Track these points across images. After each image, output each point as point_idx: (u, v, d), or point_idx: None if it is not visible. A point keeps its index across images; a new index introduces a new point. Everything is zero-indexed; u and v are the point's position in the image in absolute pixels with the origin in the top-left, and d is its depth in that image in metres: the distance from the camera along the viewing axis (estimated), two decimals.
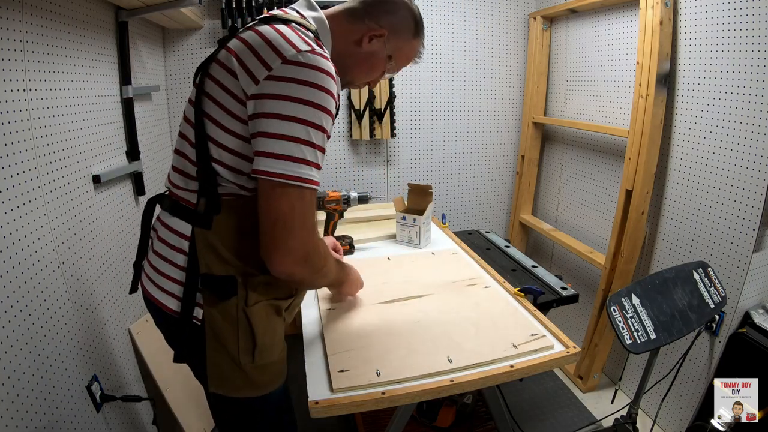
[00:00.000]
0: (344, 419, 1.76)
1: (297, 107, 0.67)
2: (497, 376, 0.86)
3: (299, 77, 0.67)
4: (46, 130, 1.10)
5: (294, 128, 0.68)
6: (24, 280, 0.98)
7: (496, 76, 2.49)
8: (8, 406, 0.90)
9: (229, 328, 0.79)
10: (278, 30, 0.71)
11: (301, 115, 0.68)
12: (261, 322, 0.80)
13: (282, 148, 0.68)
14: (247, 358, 0.80)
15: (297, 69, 0.68)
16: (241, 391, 0.82)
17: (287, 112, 0.67)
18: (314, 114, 0.68)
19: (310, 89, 0.68)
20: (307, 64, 0.68)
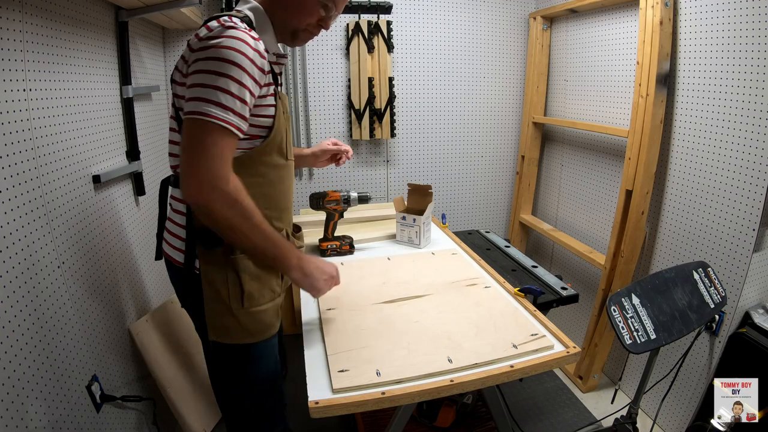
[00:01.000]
0: (344, 419, 1.76)
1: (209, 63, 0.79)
2: (497, 376, 0.86)
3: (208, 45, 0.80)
4: (46, 130, 1.10)
5: (206, 78, 0.79)
6: (24, 280, 0.98)
7: (496, 76, 2.49)
8: (8, 406, 0.90)
9: (219, 275, 0.92)
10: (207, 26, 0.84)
11: (213, 68, 0.79)
12: (247, 270, 0.92)
13: (194, 92, 0.80)
14: (237, 304, 0.93)
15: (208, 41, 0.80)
16: (234, 338, 0.95)
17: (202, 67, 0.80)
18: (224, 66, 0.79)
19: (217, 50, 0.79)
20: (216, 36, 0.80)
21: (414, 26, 2.32)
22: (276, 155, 0.97)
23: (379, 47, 2.23)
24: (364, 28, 2.19)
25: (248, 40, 0.82)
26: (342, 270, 1.32)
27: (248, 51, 0.81)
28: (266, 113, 0.93)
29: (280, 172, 1.00)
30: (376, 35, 2.21)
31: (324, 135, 2.35)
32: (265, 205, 0.95)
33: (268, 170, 0.97)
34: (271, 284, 0.98)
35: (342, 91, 2.32)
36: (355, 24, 2.19)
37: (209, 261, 0.92)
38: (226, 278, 0.92)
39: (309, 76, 2.26)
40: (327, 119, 2.33)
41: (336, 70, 2.29)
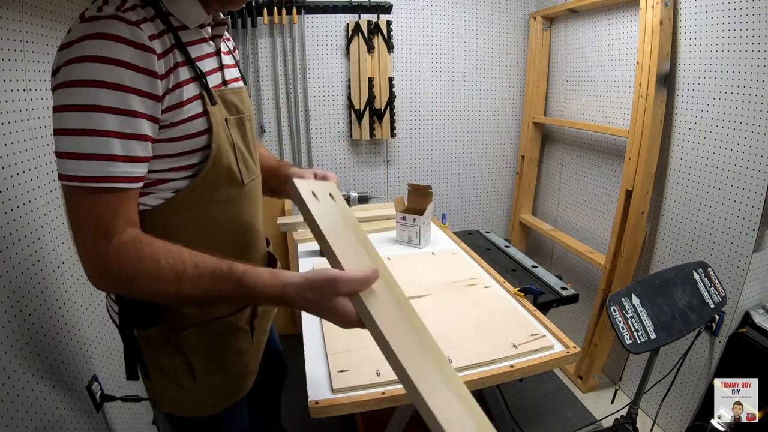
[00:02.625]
0: (344, 419, 1.76)
1: (69, 92, 0.56)
2: (497, 376, 0.86)
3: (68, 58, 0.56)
4: (46, 130, 1.10)
5: (66, 118, 0.56)
6: (24, 280, 0.98)
7: (496, 76, 2.49)
8: (8, 406, 0.90)
9: (161, 354, 0.74)
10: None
11: (73, 100, 0.55)
12: (197, 348, 0.74)
13: (59, 144, 0.58)
14: (188, 381, 0.76)
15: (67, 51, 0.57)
16: (190, 411, 0.79)
17: (60, 101, 0.57)
18: (90, 94, 0.55)
19: (79, 66, 0.55)
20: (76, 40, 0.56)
21: (414, 26, 2.32)
22: (224, 188, 0.72)
23: (379, 47, 2.23)
24: (364, 28, 2.19)
25: (121, 32, 0.56)
26: None
27: (124, 53, 0.56)
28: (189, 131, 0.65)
29: (236, 205, 0.75)
30: (376, 35, 2.21)
31: (324, 135, 2.35)
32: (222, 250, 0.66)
33: (216, 209, 0.73)
34: (238, 346, 0.80)
35: (342, 91, 2.32)
36: (355, 24, 2.19)
37: (147, 339, 0.74)
38: (172, 357, 0.74)
39: (309, 76, 2.26)
40: (327, 119, 2.33)
41: (336, 70, 2.29)
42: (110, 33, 0.55)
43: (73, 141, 0.56)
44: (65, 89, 0.56)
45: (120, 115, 0.57)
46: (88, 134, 0.56)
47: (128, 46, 0.56)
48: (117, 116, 0.57)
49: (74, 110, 0.56)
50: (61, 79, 0.56)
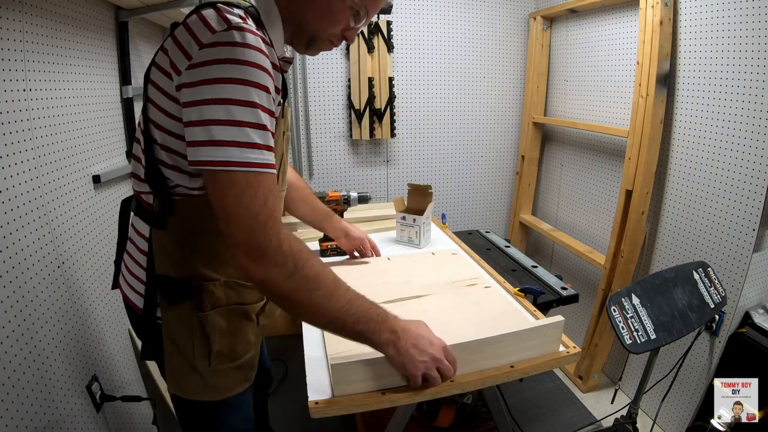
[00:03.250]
0: (344, 419, 1.76)
1: (217, 88, 0.61)
2: (497, 376, 0.86)
3: (216, 57, 0.61)
4: (46, 130, 1.10)
5: (223, 110, 0.61)
6: (24, 280, 0.98)
7: (496, 76, 2.49)
8: (8, 406, 0.90)
9: (183, 332, 0.78)
10: (201, 15, 0.65)
11: (225, 95, 0.61)
12: (218, 328, 0.78)
13: (209, 132, 0.61)
14: (203, 363, 0.79)
15: (213, 50, 0.61)
16: (196, 395, 0.82)
17: (207, 95, 0.61)
18: (239, 90, 0.61)
19: (228, 66, 0.61)
20: (223, 42, 0.61)
21: (414, 26, 2.32)
22: None
23: (379, 47, 2.23)
24: (364, 28, 2.19)
25: (262, 46, 0.64)
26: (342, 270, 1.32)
27: (266, 63, 0.63)
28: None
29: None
30: (376, 35, 2.21)
31: (324, 135, 2.35)
32: None
33: None
34: (247, 336, 0.84)
35: (342, 91, 2.32)
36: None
37: (172, 316, 0.78)
38: (192, 336, 0.78)
39: (309, 76, 2.26)
40: (327, 119, 2.33)
41: (336, 70, 2.29)
42: (257, 46, 0.62)
43: (238, 131, 0.61)
44: (226, 85, 0.61)
45: (265, 113, 0.64)
46: (254, 127, 0.62)
47: (266, 58, 0.64)
48: (263, 113, 0.64)
49: (241, 105, 0.61)
50: (219, 74, 0.61)
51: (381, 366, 0.79)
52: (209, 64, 0.61)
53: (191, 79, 0.62)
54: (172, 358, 0.80)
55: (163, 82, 0.68)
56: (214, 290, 0.77)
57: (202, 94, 0.61)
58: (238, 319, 0.82)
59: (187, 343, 0.78)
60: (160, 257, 0.77)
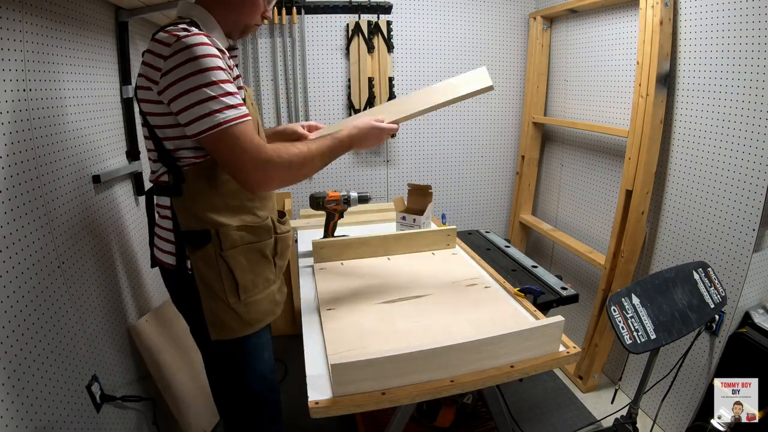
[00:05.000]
0: (344, 419, 1.76)
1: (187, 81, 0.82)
2: (497, 376, 0.86)
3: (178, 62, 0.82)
4: (46, 130, 1.10)
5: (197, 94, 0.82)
6: (24, 280, 0.98)
7: (496, 76, 2.49)
8: (8, 406, 0.90)
9: (211, 272, 0.96)
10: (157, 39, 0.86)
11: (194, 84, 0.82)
12: (239, 263, 0.97)
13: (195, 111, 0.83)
14: (234, 297, 0.98)
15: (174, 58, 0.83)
16: (236, 332, 1.00)
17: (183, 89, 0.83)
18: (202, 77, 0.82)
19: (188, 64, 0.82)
20: (178, 50, 0.82)
21: (414, 26, 2.32)
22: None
23: (379, 47, 2.23)
24: (364, 28, 2.19)
25: (204, 39, 0.84)
26: (342, 270, 1.32)
27: (212, 50, 0.85)
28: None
29: None
30: (376, 35, 2.22)
31: None
32: (246, 196, 0.99)
33: None
34: (265, 274, 1.04)
35: (342, 91, 2.32)
36: (355, 24, 2.19)
37: (200, 260, 0.96)
38: (219, 274, 0.96)
39: (309, 76, 2.26)
40: (327, 119, 2.33)
41: (336, 70, 2.29)
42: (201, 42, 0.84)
43: (216, 102, 0.83)
44: (193, 77, 0.82)
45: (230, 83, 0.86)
46: (224, 95, 0.84)
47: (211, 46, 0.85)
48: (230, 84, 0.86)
49: (208, 86, 0.83)
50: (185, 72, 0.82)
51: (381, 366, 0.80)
52: (176, 68, 0.83)
53: (167, 82, 0.84)
54: (209, 303, 0.97)
55: (148, 94, 0.89)
56: (229, 233, 0.96)
57: (179, 89, 0.83)
58: (255, 257, 1.01)
59: (217, 282, 0.96)
60: (182, 217, 0.96)
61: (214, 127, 0.84)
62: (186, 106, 0.83)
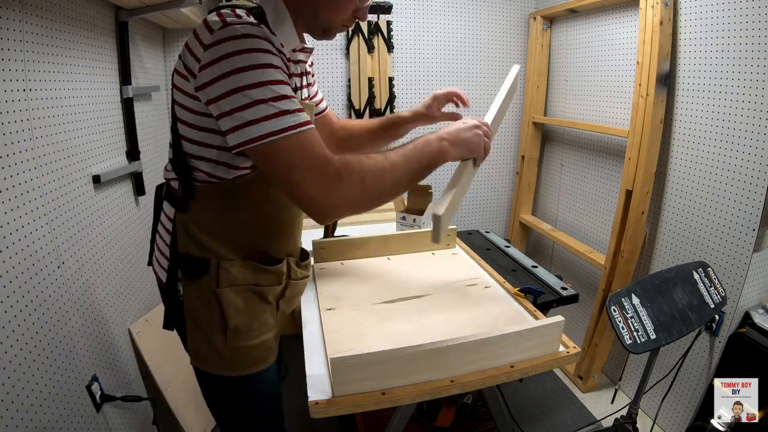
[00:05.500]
0: (344, 419, 1.76)
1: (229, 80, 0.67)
2: (497, 376, 0.86)
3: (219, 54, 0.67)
4: (46, 130, 1.10)
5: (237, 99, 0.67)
6: (24, 280, 0.98)
7: (496, 76, 2.48)
8: (8, 405, 0.90)
9: (202, 307, 0.83)
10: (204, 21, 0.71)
11: (238, 83, 0.67)
12: (234, 305, 0.83)
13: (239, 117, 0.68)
14: (220, 338, 0.84)
15: (215, 49, 0.67)
16: (216, 369, 0.87)
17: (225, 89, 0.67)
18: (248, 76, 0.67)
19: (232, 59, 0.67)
20: (222, 39, 0.67)
21: (414, 26, 2.32)
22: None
23: (379, 47, 2.23)
24: (364, 28, 2.19)
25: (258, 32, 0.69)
26: (342, 270, 1.32)
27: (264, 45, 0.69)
28: None
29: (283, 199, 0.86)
30: (376, 35, 2.22)
31: None
32: (265, 233, 0.87)
33: (275, 196, 0.85)
34: (264, 317, 0.88)
35: (342, 91, 2.32)
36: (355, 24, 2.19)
37: (192, 291, 0.84)
38: (210, 311, 0.83)
39: None
40: None
41: (336, 70, 2.29)
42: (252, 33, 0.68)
43: (265, 107, 0.67)
44: (236, 75, 0.66)
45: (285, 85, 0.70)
46: (276, 100, 0.68)
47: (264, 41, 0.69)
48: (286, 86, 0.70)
49: (256, 87, 0.67)
50: (227, 68, 0.67)
51: (381, 366, 0.80)
52: (216, 62, 0.67)
53: (206, 79, 0.69)
54: (193, 332, 0.86)
55: (183, 84, 0.75)
56: (231, 269, 0.83)
57: (220, 89, 0.68)
58: (255, 300, 0.86)
59: (205, 318, 0.84)
60: (182, 237, 0.84)
61: (264, 137, 0.67)
62: (228, 110, 0.68)
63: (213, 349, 0.84)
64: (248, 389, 0.91)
